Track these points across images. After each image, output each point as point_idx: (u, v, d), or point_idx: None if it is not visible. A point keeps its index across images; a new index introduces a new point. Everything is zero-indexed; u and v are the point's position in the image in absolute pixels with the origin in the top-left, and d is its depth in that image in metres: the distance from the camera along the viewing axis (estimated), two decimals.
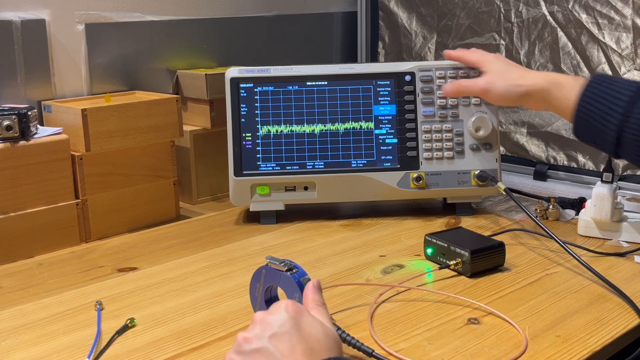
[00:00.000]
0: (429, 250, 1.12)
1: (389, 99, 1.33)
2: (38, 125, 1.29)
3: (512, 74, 1.16)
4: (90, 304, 0.98)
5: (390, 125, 1.33)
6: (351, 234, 1.28)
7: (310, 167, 1.31)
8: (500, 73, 1.17)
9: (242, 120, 1.32)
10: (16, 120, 1.22)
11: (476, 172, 1.32)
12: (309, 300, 0.77)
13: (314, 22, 1.94)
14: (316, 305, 0.76)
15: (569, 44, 1.56)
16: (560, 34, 1.57)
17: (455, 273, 1.07)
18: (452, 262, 1.06)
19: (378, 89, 1.33)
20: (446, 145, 1.32)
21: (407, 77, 1.33)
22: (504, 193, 1.27)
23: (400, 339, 0.87)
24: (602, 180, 1.22)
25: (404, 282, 1.02)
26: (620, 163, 1.50)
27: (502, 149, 1.68)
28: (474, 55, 1.25)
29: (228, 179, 1.32)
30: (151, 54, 1.61)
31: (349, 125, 1.32)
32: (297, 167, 1.31)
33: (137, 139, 1.38)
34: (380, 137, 1.32)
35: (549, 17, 1.58)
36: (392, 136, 1.32)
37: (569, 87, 1.06)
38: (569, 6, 1.55)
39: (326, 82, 1.32)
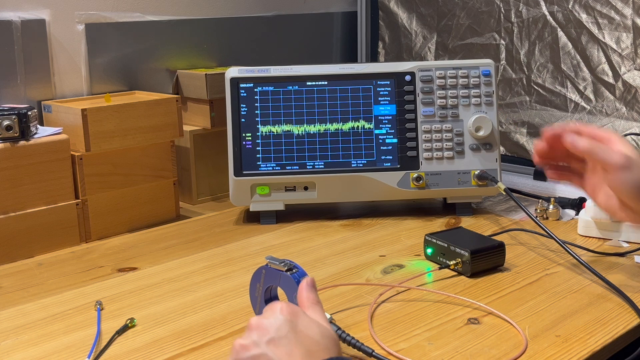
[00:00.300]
0: (429, 250, 1.12)
1: (389, 99, 1.33)
2: (38, 125, 1.29)
3: None
4: (90, 304, 0.98)
5: (390, 125, 1.33)
6: (351, 234, 1.28)
7: (310, 167, 1.31)
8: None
9: (242, 120, 1.32)
10: (16, 120, 1.22)
11: (476, 172, 1.32)
12: (303, 299, 0.77)
13: (314, 22, 1.94)
14: (311, 304, 0.76)
15: (569, 44, 1.56)
16: (560, 33, 1.57)
17: (455, 273, 1.07)
18: (452, 262, 1.06)
19: (378, 89, 1.33)
20: (446, 145, 1.32)
21: (407, 77, 1.33)
22: (504, 193, 1.27)
23: (400, 339, 0.87)
24: None
25: (404, 282, 1.02)
26: None
27: (502, 149, 1.68)
28: (600, 129, 0.99)
29: (228, 179, 1.32)
30: (151, 54, 1.61)
31: (349, 125, 1.32)
32: (297, 167, 1.31)
33: (137, 139, 1.38)
34: (380, 137, 1.32)
35: (549, 17, 1.59)
36: (392, 136, 1.32)
37: None
38: (569, 6, 1.55)
39: (326, 82, 1.32)
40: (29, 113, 1.24)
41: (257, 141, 1.31)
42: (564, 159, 1.01)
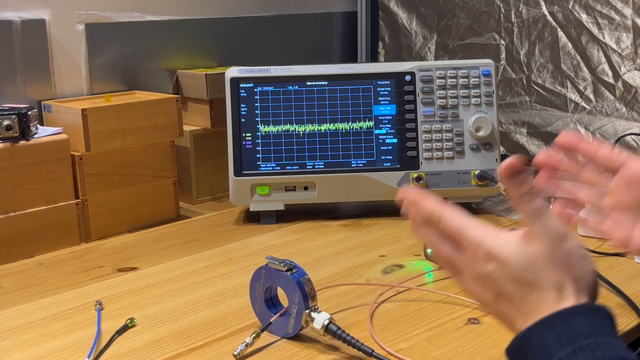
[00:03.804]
0: (429, 250, 1.12)
1: (389, 99, 1.33)
2: (38, 125, 1.29)
3: None
4: (90, 304, 0.98)
5: (390, 125, 1.33)
6: (351, 234, 1.28)
7: (310, 167, 1.31)
8: None
9: (242, 120, 1.32)
10: (16, 120, 1.22)
11: (476, 172, 1.32)
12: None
13: (314, 22, 1.94)
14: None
15: (569, 44, 1.56)
16: (561, 34, 1.57)
17: None
18: None
19: (378, 89, 1.33)
20: (446, 145, 1.32)
21: (407, 77, 1.33)
22: (504, 193, 1.27)
23: (400, 339, 0.87)
24: None
25: (404, 282, 1.02)
26: None
27: (502, 149, 1.68)
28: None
29: (228, 179, 1.32)
30: (151, 54, 1.61)
31: (349, 125, 1.32)
32: (297, 167, 1.31)
33: (137, 139, 1.38)
34: (380, 137, 1.32)
35: (549, 17, 1.58)
36: (392, 136, 1.32)
37: None
38: (569, 6, 1.55)
39: (326, 82, 1.32)
40: (29, 113, 1.24)
41: (257, 141, 1.31)
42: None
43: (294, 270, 0.85)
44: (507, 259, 0.58)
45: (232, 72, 1.33)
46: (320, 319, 0.83)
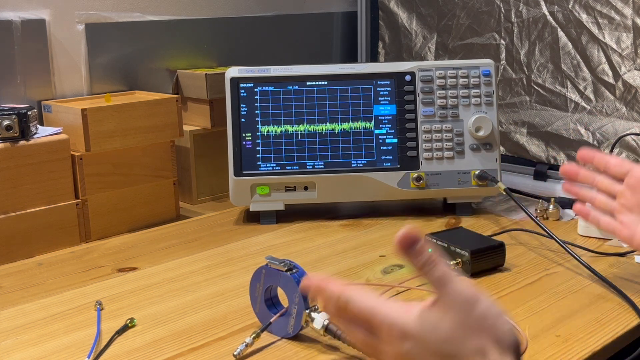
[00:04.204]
0: (429, 251, 1.12)
1: (389, 99, 1.33)
2: (38, 125, 1.29)
3: None
4: (90, 304, 0.98)
5: (390, 125, 1.33)
6: (351, 234, 1.28)
7: (310, 167, 1.32)
8: None
9: (242, 120, 1.32)
10: (16, 120, 1.21)
11: (476, 172, 1.32)
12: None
13: (314, 22, 1.94)
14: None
15: (569, 44, 1.56)
16: (561, 34, 1.57)
17: None
18: (452, 262, 1.06)
19: (378, 89, 1.33)
20: (446, 145, 1.32)
21: (407, 77, 1.33)
22: (504, 193, 1.27)
23: None
24: None
25: (404, 282, 1.02)
26: None
27: (502, 149, 1.68)
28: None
29: (228, 179, 1.32)
30: (151, 54, 1.61)
31: (349, 125, 1.32)
32: (297, 167, 1.31)
33: (137, 139, 1.38)
34: (380, 137, 1.32)
35: (549, 17, 1.58)
36: (392, 136, 1.32)
37: None
38: (569, 6, 1.54)
39: (326, 82, 1.32)
40: (29, 113, 1.24)
41: (257, 141, 1.31)
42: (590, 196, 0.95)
43: (294, 270, 0.85)
44: (421, 335, 0.55)
45: (232, 72, 1.33)
46: (320, 319, 0.83)
